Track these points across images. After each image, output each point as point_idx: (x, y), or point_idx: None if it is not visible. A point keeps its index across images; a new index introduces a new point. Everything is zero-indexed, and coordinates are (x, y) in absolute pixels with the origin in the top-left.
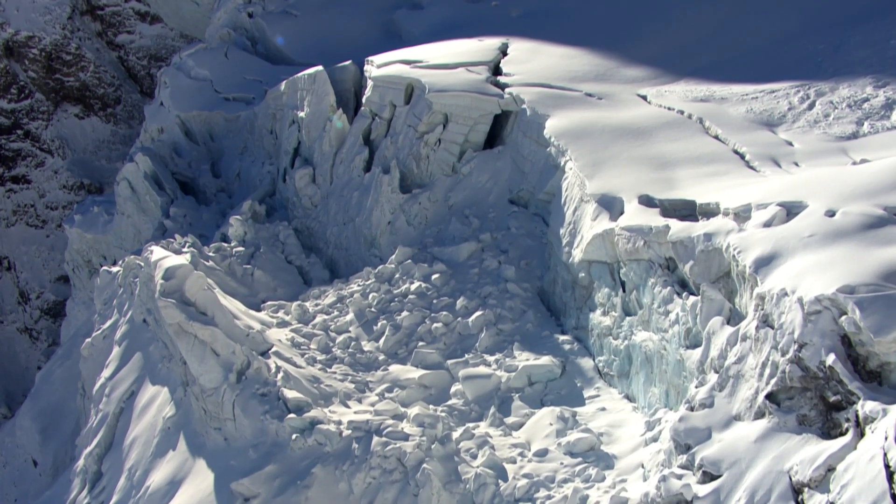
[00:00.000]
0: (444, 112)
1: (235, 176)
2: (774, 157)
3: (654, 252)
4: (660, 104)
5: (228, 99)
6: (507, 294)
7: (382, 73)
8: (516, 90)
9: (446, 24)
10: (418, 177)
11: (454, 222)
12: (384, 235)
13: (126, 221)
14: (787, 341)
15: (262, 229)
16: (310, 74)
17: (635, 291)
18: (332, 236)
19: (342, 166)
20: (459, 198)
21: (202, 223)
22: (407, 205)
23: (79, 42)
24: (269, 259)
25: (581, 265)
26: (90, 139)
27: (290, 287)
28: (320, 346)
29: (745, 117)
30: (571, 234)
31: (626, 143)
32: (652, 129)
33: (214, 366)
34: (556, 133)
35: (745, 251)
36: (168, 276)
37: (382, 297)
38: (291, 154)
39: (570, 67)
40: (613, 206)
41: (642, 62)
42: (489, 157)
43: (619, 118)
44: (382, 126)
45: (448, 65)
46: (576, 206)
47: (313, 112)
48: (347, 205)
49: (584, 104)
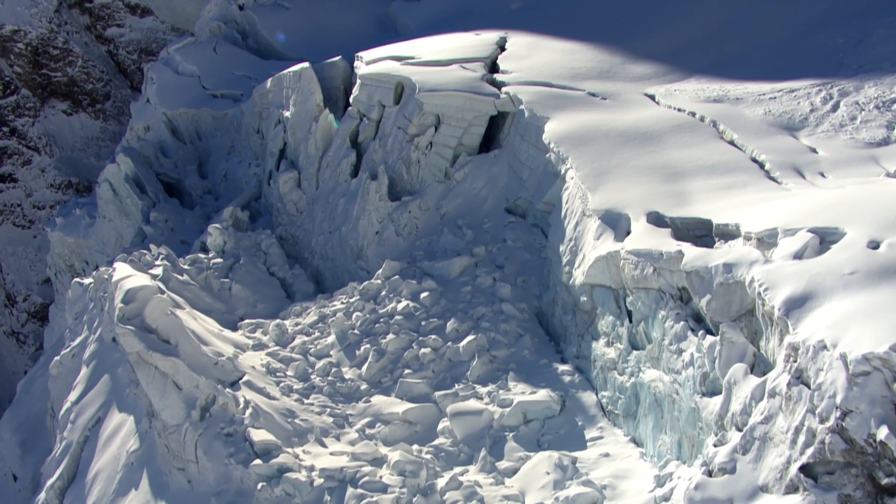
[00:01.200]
0: (436, 113)
1: (222, 177)
2: (797, 166)
3: (664, 281)
4: (669, 105)
5: (216, 96)
6: (501, 316)
7: (370, 70)
8: (514, 89)
9: (443, 17)
10: (408, 183)
11: (446, 233)
12: (371, 246)
13: (107, 225)
14: (828, 406)
15: (244, 238)
16: (295, 72)
17: (643, 323)
18: (318, 246)
19: (328, 170)
20: (452, 206)
21: (184, 228)
22: (396, 213)
23: (66, 36)
24: (249, 271)
25: (583, 288)
26: (78, 136)
27: (270, 302)
28: (298, 372)
29: (762, 120)
30: (572, 251)
31: (633, 149)
32: (661, 134)
33: (176, 400)
34: (556, 138)
35: (772, 288)
36: (128, 300)
37: (367, 316)
38: (277, 156)
39: (572, 64)
40: (619, 223)
41: (650, 58)
42: (484, 163)
43: (624, 121)
44: (371, 128)
45: (441, 61)
46: (577, 220)
47: (298, 112)
48: (333, 212)
49: (587, 105)
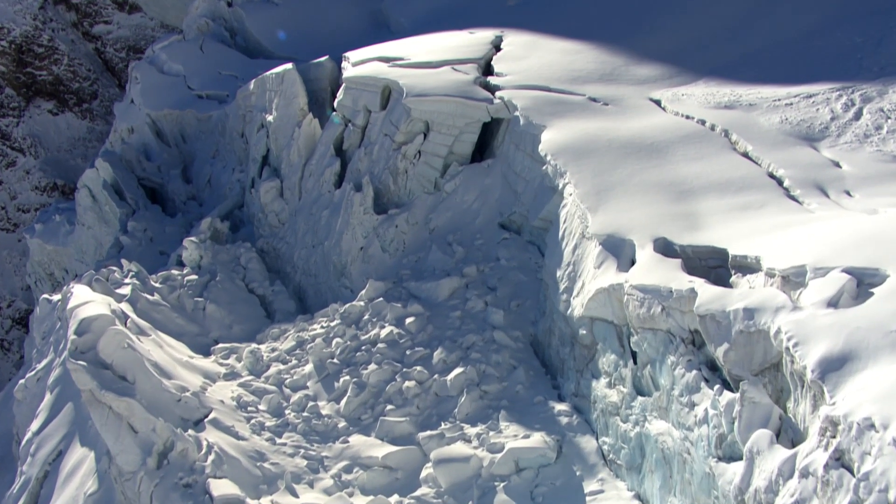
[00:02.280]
0: (425, 119)
1: (206, 182)
2: (820, 183)
3: (674, 322)
4: (676, 111)
5: (202, 96)
6: (493, 345)
7: (355, 73)
8: (508, 94)
9: (438, 14)
10: (395, 194)
11: (435, 251)
12: (355, 263)
13: (86, 233)
14: (879, 501)
15: (222, 252)
16: (278, 73)
17: (650, 367)
18: (300, 260)
19: (311, 179)
20: (442, 220)
21: (164, 237)
22: (381, 228)
23: (52, 33)
24: (226, 289)
25: (582, 321)
26: (64, 137)
27: (247, 322)
28: (271, 406)
29: (779, 129)
30: (570, 277)
31: (638, 162)
32: (668, 145)
33: (131, 445)
34: (554, 149)
35: (803, 343)
36: (82, 330)
37: (348, 343)
38: (259, 163)
39: (571, 65)
40: (622, 250)
41: (655, 58)
42: (477, 173)
43: (628, 130)
44: (356, 134)
45: (432, 63)
46: (576, 242)
47: (281, 116)
48: (316, 225)
49: (587, 111)
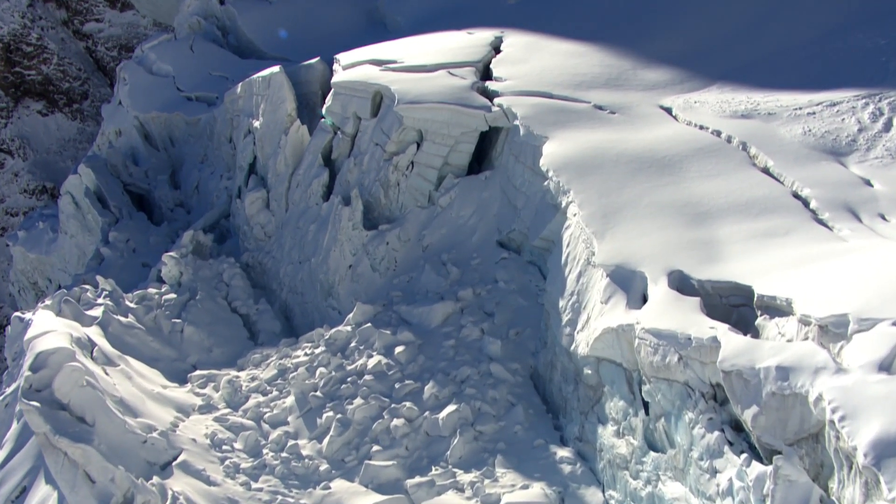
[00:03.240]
0: (418, 128)
1: (194, 189)
2: (851, 205)
3: (693, 374)
4: (689, 121)
5: (191, 98)
6: (489, 379)
7: (345, 77)
8: (508, 101)
9: (436, 12)
10: (386, 208)
11: (428, 271)
12: (343, 283)
13: (69, 242)
14: None
15: (204, 267)
16: (264, 77)
17: (664, 420)
18: (287, 277)
19: (298, 191)
20: (436, 237)
21: (148, 248)
22: (371, 244)
23: (41, 32)
24: (206, 308)
25: (587, 359)
26: (54, 138)
27: (228, 345)
28: (248, 445)
29: (802, 142)
30: (574, 308)
31: (648, 179)
32: (681, 160)
33: (88, 496)
34: (556, 164)
35: (851, 417)
36: (37, 366)
37: (332, 374)
38: (246, 170)
39: (575, 69)
40: (632, 284)
41: (664, 62)
42: (473, 186)
43: (637, 142)
44: (345, 143)
45: (426, 66)
46: (580, 269)
47: (267, 122)
48: (303, 240)
49: (593, 121)
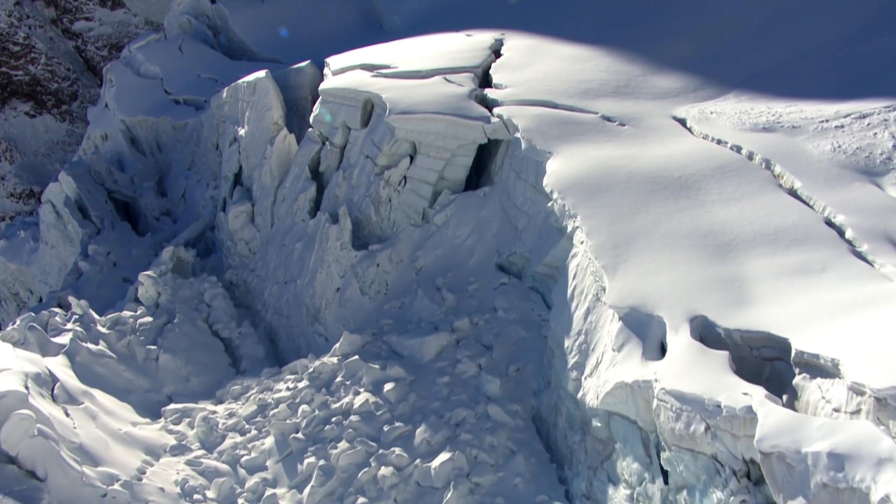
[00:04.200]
0: (411, 140)
1: (180, 197)
2: (892, 235)
3: (723, 447)
4: (705, 134)
5: (179, 102)
6: (487, 422)
7: (333, 84)
8: (508, 111)
9: (433, 12)
10: (377, 226)
11: (421, 297)
12: (330, 307)
13: (50, 253)
14: None
15: (184, 287)
16: (249, 82)
17: (686, 493)
18: (271, 298)
19: (284, 205)
20: (430, 258)
21: (130, 262)
22: (360, 266)
23: (28, 31)
24: (185, 333)
25: (597, 412)
26: (42, 140)
27: (208, 373)
28: (222, 494)
29: (831, 160)
30: (582, 349)
31: (663, 203)
32: (699, 179)
33: None
34: (561, 184)
35: None
36: None
37: (316, 413)
38: (231, 181)
39: (581, 75)
40: (648, 330)
41: (676, 67)
42: (471, 203)
43: (649, 159)
44: (334, 155)
45: (421, 72)
46: (589, 306)
47: (253, 131)
48: (289, 259)
49: (601, 134)
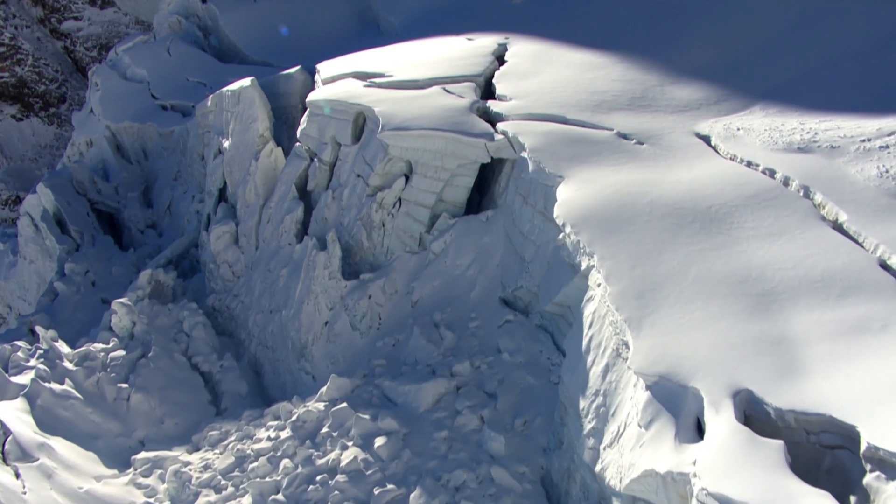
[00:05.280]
0: (407, 159)
1: (166, 209)
2: None
3: None
4: (733, 155)
5: (166, 107)
6: (491, 486)
7: (322, 96)
8: (514, 127)
9: (433, 13)
10: (369, 253)
11: (417, 335)
12: (318, 343)
13: (28, 268)
14: None
15: (162, 314)
16: (234, 91)
17: None
18: (256, 327)
19: (270, 226)
20: (427, 290)
21: (110, 281)
22: (351, 298)
23: (14, 30)
24: (161, 368)
25: (620, 493)
26: (29, 144)
27: (185, 413)
28: None
29: (878, 187)
30: (600, 414)
31: (693, 240)
32: (731, 211)
33: None
34: (575, 216)
35: None
36: None
37: (299, 471)
38: (216, 197)
39: (593, 85)
40: (683, 405)
41: (695, 75)
42: (472, 229)
43: (673, 185)
44: (323, 173)
45: (418, 82)
46: (608, 361)
47: (237, 144)
48: (274, 286)
49: (617, 154)
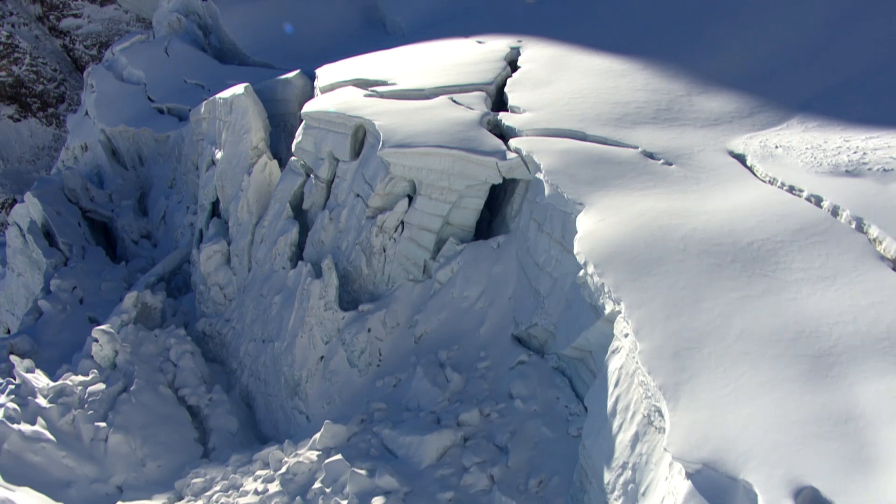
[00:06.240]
0: (410, 178)
1: (160, 219)
2: None
3: None
4: (772, 178)
5: (162, 111)
6: None
7: (318, 107)
8: (528, 144)
9: (441, 12)
10: (369, 281)
11: (420, 377)
12: (312, 380)
13: (16, 281)
14: None
15: (148, 341)
16: (226, 99)
17: None
18: (248, 357)
19: (263, 247)
20: (432, 324)
21: (98, 298)
22: (349, 331)
23: (11, 28)
24: (144, 403)
25: None
26: (27, 146)
27: (169, 455)
28: None
29: None
30: (627, 491)
31: (734, 284)
32: (775, 248)
33: None
34: (598, 253)
35: None
36: None
37: None
38: (209, 211)
39: (614, 95)
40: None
41: (726, 83)
42: (482, 256)
43: (709, 216)
44: (319, 191)
45: (424, 91)
46: (637, 430)
47: (229, 156)
48: (266, 313)
49: (643, 176)
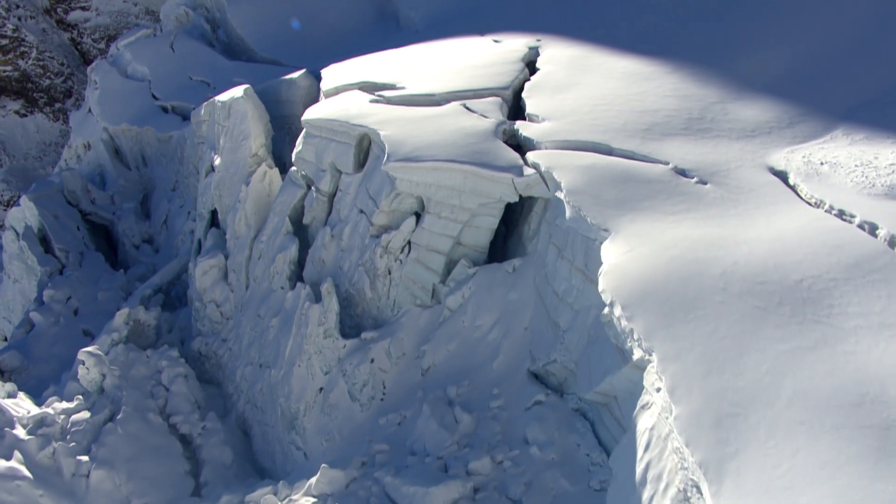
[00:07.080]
0: (418, 195)
1: (162, 223)
2: None
3: None
4: (819, 200)
5: (167, 109)
6: None
7: (320, 115)
8: (547, 158)
9: (457, 7)
10: (373, 305)
11: (427, 416)
12: (310, 413)
13: (13, 287)
14: None
15: (139, 362)
16: (224, 102)
17: None
18: (245, 382)
19: (261, 263)
20: (441, 355)
21: (94, 308)
22: (350, 361)
23: (18, 22)
24: (131, 434)
25: None
26: (33, 142)
27: (155, 492)
28: None
29: None
30: None
31: (783, 335)
32: (828, 286)
33: None
34: (626, 293)
35: None
36: None
37: None
38: (207, 220)
39: (642, 101)
40: None
41: (763, 89)
42: (496, 281)
43: (751, 247)
44: (321, 205)
45: (434, 96)
46: (673, 497)
47: (227, 164)
48: (264, 337)
49: (675, 198)
